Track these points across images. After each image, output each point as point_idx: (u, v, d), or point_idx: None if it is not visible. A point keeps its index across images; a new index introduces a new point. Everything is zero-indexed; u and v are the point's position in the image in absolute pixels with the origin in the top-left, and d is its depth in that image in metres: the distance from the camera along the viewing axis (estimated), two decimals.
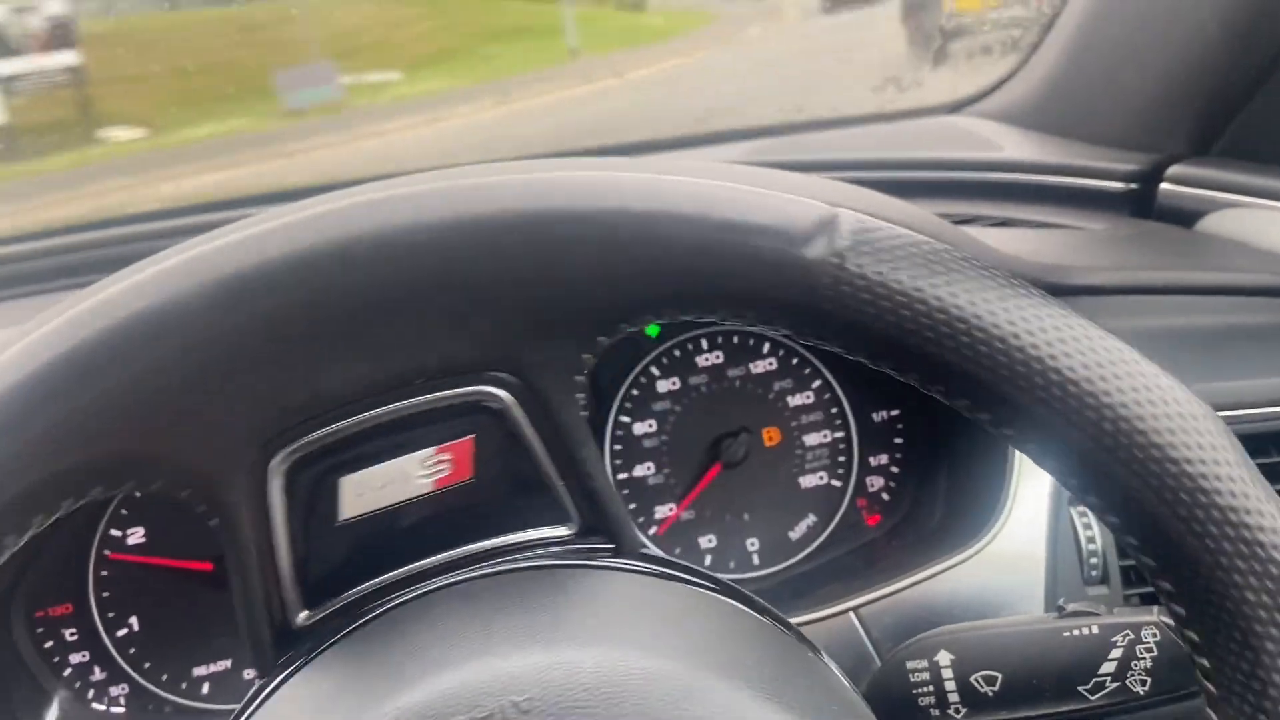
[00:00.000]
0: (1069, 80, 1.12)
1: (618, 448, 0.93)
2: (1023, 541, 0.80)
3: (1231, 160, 1.04)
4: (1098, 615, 0.64)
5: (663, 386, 0.94)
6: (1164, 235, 1.00)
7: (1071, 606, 0.65)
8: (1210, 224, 0.99)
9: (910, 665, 0.66)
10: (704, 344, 0.94)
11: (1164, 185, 1.04)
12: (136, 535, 0.84)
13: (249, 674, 0.85)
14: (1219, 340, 0.88)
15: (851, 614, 0.79)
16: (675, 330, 0.94)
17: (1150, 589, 0.73)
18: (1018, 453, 0.79)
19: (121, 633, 0.83)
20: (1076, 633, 0.63)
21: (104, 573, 0.83)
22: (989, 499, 0.80)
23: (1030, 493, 0.80)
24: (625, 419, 0.93)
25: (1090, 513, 0.81)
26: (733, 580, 0.90)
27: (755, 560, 0.92)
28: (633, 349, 0.94)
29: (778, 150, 1.26)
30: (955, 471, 0.88)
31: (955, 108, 1.33)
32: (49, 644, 0.82)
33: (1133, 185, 1.05)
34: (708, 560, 0.92)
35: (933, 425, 0.93)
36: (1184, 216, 1.01)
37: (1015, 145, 1.13)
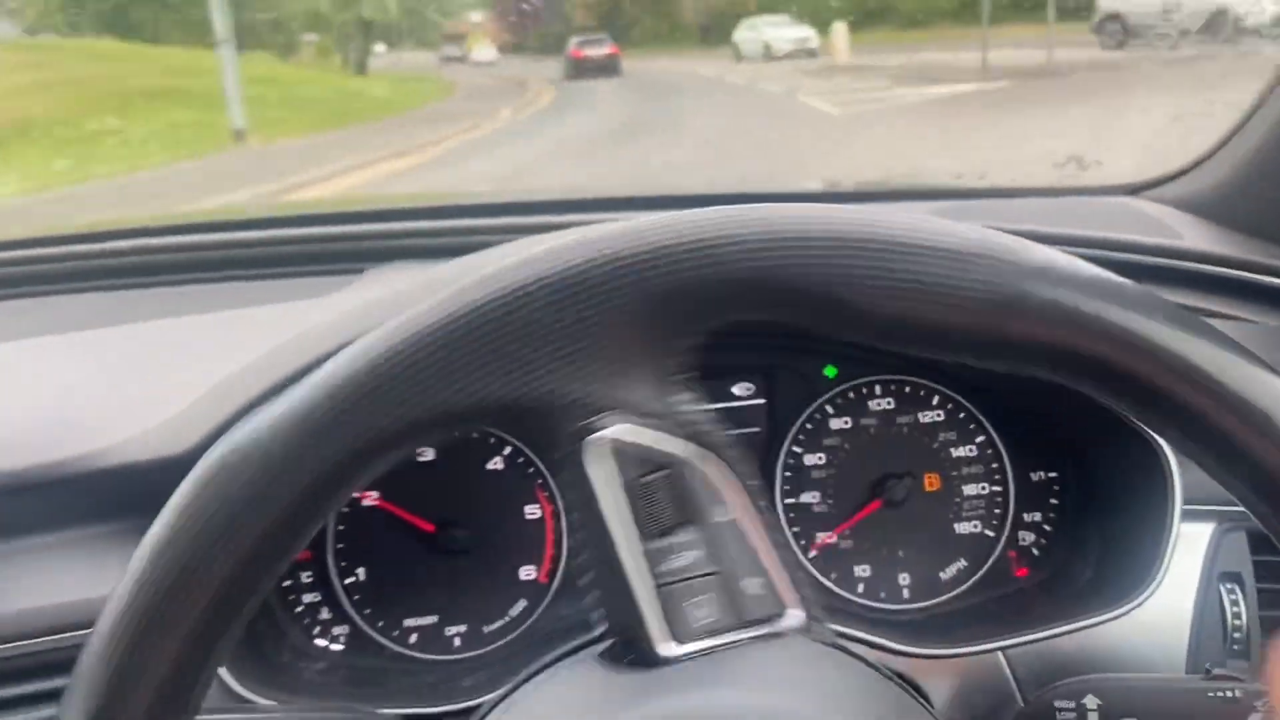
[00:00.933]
0: (1257, 176, 1.16)
1: (788, 474, 1.02)
2: (1171, 608, 0.85)
3: None
4: (1242, 681, 0.69)
5: (835, 424, 1.02)
6: None
7: (1218, 671, 0.71)
8: None
9: (1059, 704, 0.73)
10: (877, 389, 1.02)
11: None
12: (371, 498, 0.97)
13: (450, 630, 0.97)
14: None
15: (1000, 654, 0.86)
16: (852, 374, 1.03)
17: None
18: (1174, 526, 0.84)
19: (350, 580, 0.96)
20: (1220, 694, 0.69)
21: (341, 527, 0.97)
22: (1143, 563, 0.85)
23: (1183, 563, 0.85)
24: (797, 450, 1.02)
25: (1239, 590, 0.86)
26: (882, 609, 0.98)
27: (905, 594, 1.00)
28: (809, 388, 1.03)
29: (954, 213, 1.33)
30: (1110, 534, 0.94)
31: (1134, 190, 1.37)
32: (288, 583, 0.96)
33: None
34: (860, 588, 1.00)
35: (1088, 490, 0.99)
36: None
37: (1194, 234, 1.17)
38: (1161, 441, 0.86)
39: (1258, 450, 0.42)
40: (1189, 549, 0.86)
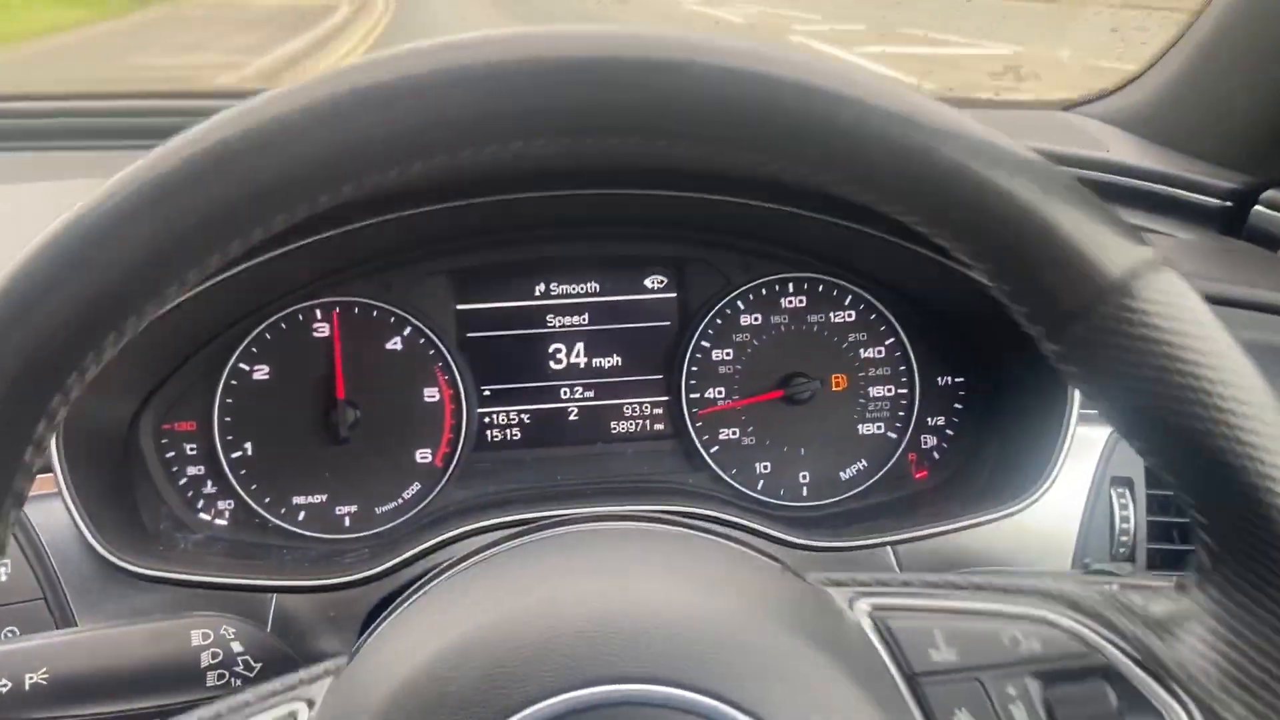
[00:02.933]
0: (1183, 94, 1.15)
1: (694, 369, 1.00)
2: (1060, 511, 0.86)
3: None
4: (1118, 576, 0.70)
5: (745, 320, 1.01)
6: (1250, 254, 1.03)
7: (1096, 566, 0.71)
8: None
9: None
10: (790, 287, 1.01)
11: (1257, 208, 1.07)
12: (261, 372, 0.94)
13: (340, 510, 0.94)
14: None
15: (889, 549, 0.86)
16: (763, 270, 1.01)
17: (1173, 574, 0.79)
18: (1069, 431, 0.85)
19: (236, 455, 0.93)
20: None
21: (229, 400, 0.93)
22: (1035, 469, 0.85)
23: (1075, 469, 0.86)
24: (705, 344, 1.00)
25: (1129, 494, 0.86)
26: (780, 506, 0.97)
27: (804, 493, 0.99)
28: (720, 282, 1.01)
29: None
30: (1008, 440, 0.94)
31: (1069, 105, 1.36)
32: (170, 454, 0.93)
33: (1227, 203, 1.09)
34: (760, 485, 0.99)
35: (992, 396, 0.98)
36: (1272, 240, 1.04)
37: (1121, 148, 1.16)
38: None
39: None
40: (1083, 453, 0.87)
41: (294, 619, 0.79)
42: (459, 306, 0.99)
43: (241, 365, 0.94)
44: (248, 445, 0.93)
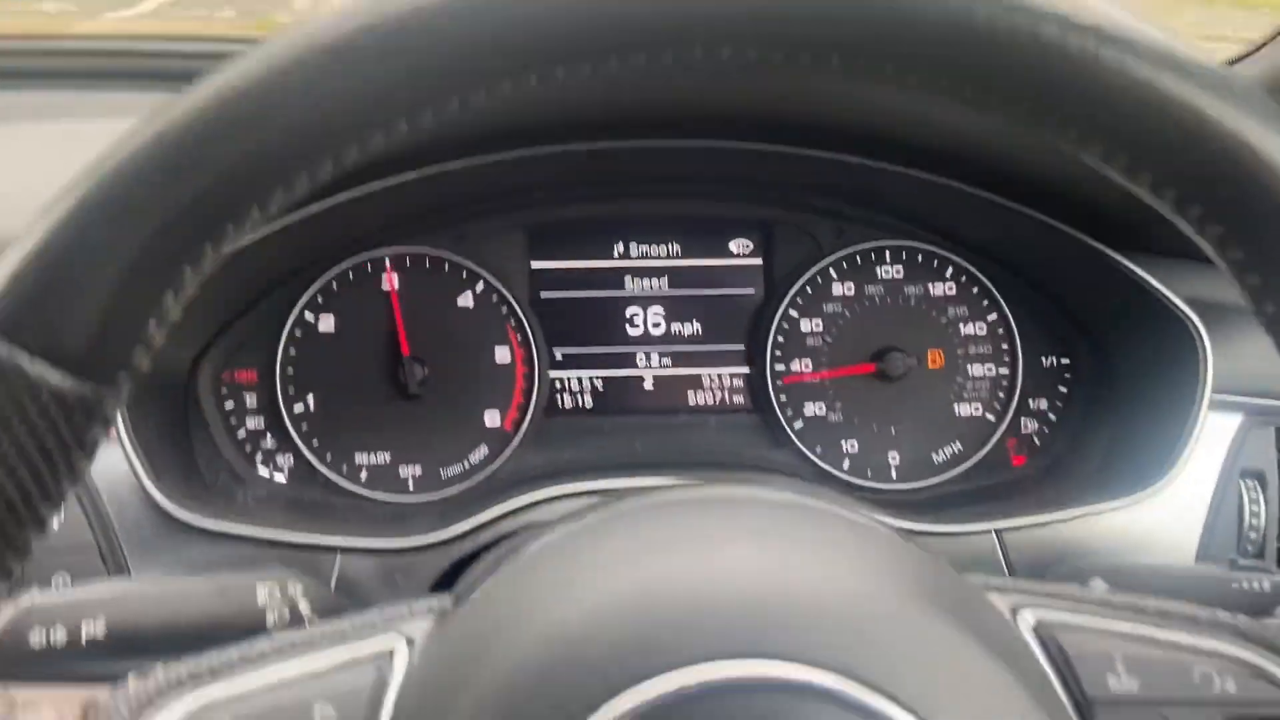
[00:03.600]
0: None
1: (780, 340, 0.94)
2: (1184, 503, 0.79)
3: None
4: (1273, 574, 0.63)
5: (836, 290, 0.95)
6: None
7: (1244, 561, 0.65)
8: None
9: None
10: (887, 255, 0.94)
11: None
12: (327, 322, 0.89)
13: (404, 470, 0.90)
14: None
15: (994, 536, 0.80)
16: (857, 238, 0.95)
17: None
18: (1201, 417, 0.78)
19: (298, 408, 0.89)
20: (1247, 585, 0.63)
21: (292, 350, 0.89)
22: (1160, 453, 0.79)
23: (1202, 459, 0.79)
24: (793, 314, 0.94)
25: (1259, 488, 0.80)
26: (868, 489, 0.91)
27: (893, 474, 0.93)
28: (810, 249, 0.95)
29: None
30: (1124, 427, 0.87)
31: None
32: (229, 404, 0.88)
33: None
34: (846, 464, 0.93)
35: (1100, 378, 0.92)
36: None
37: None
38: (1196, 322, 0.79)
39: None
40: (1210, 442, 0.80)
41: (357, 581, 0.75)
42: (534, 264, 0.94)
43: (307, 315, 0.89)
44: (310, 398, 0.89)
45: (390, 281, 0.90)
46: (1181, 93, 0.35)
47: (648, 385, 0.96)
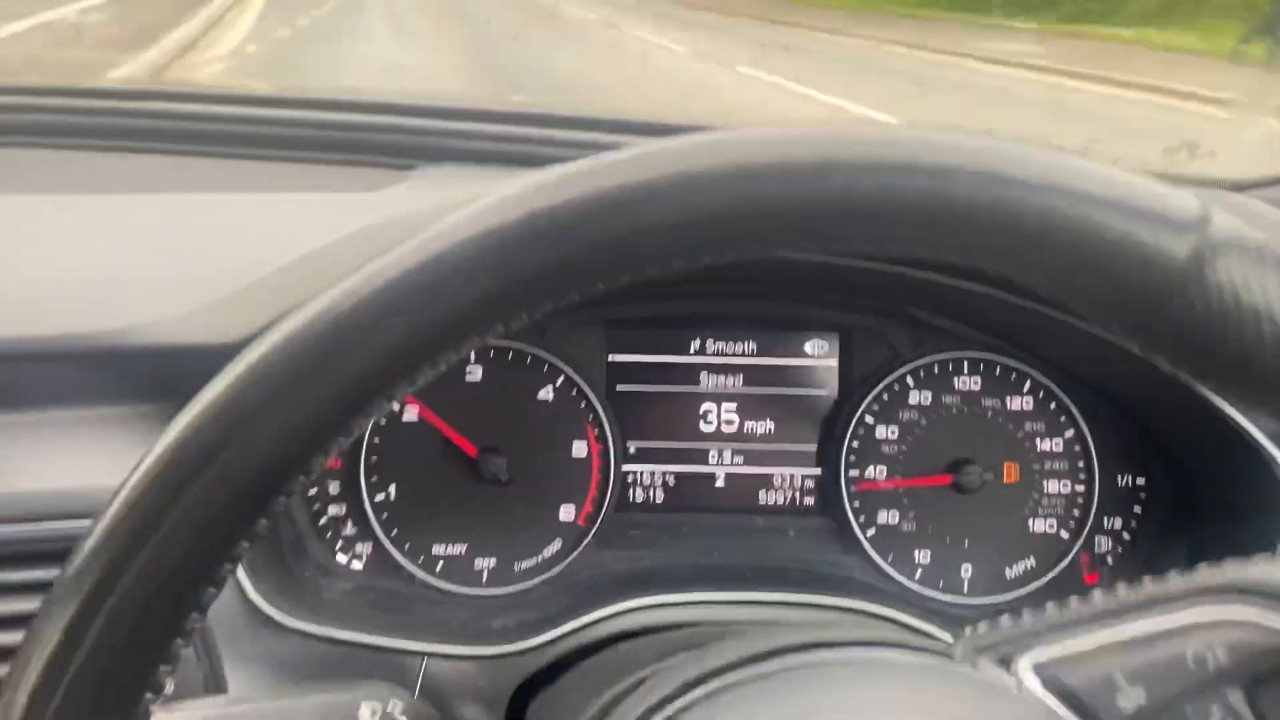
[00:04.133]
0: None
1: (854, 445, 0.95)
2: None
3: None
4: None
5: (914, 398, 0.95)
6: None
7: None
8: None
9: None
10: (965, 366, 0.95)
11: None
12: (411, 412, 0.90)
13: (479, 563, 0.90)
14: None
15: None
16: (935, 345, 0.95)
17: None
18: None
19: (380, 497, 0.90)
20: None
21: (376, 439, 0.90)
22: None
23: None
24: (869, 419, 0.95)
25: None
26: (938, 600, 0.91)
27: (965, 587, 0.93)
28: (888, 354, 0.96)
29: None
30: (1199, 555, 0.87)
31: (1241, 186, 1.29)
32: (313, 491, 0.90)
33: None
34: (918, 574, 0.93)
35: (1178, 499, 0.92)
36: None
37: None
38: (1274, 452, 0.79)
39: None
40: None
41: (443, 685, 0.75)
42: (611, 357, 0.95)
43: (393, 404, 0.90)
44: (392, 488, 0.90)
45: (476, 373, 0.92)
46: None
47: (719, 483, 0.97)
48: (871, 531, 0.94)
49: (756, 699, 0.46)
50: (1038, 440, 0.94)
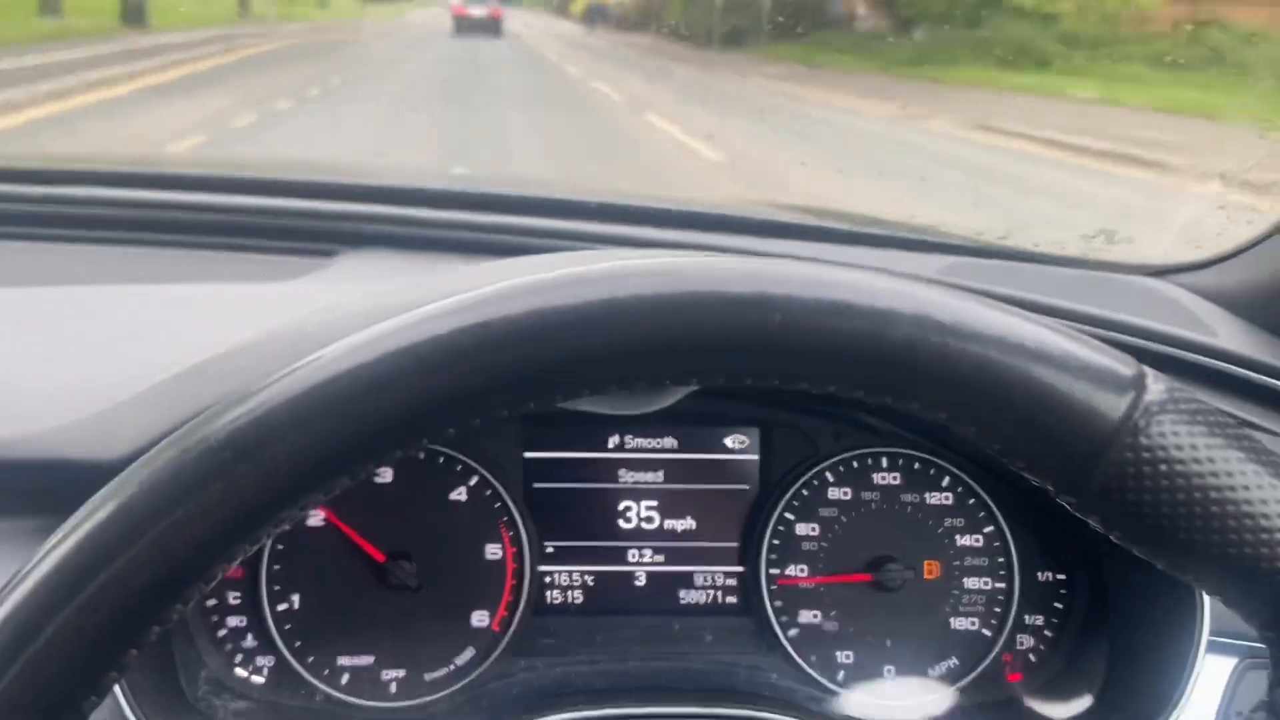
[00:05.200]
0: None
1: (775, 542, 0.93)
2: None
3: None
4: None
5: (833, 494, 0.94)
6: None
7: None
8: None
9: None
10: (884, 462, 0.94)
11: None
12: (317, 517, 0.87)
13: (387, 674, 0.87)
14: None
15: None
16: (855, 441, 0.95)
17: None
18: (1199, 653, 0.77)
19: (282, 607, 0.86)
20: None
21: (280, 546, 0.87)
22: (1158, 693, 0.78)
23: (1198, 703, 0.78)
24: (789, 516, 0.94)
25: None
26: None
27: (889, 689, 0.92)
28: (808, 450, 0.95)
29: (977, 272, 1.25)
30: (1120, 652, 0.86)
31: (1160, 272, 1.31)
32: (212, 601, 0.86)
33: None
34: (840, 675, 0.92)
35: (1099, 598, 0.91)
36: None
37: (1228, 332, 1.10)
38: None
39: None
40: (1205, 684, 0.79)
41: None
42: (527, 454, 0.93)
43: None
44: (295, 597, 0.86)
45: (384, 474, 0.89)
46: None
47: (639, 581, 0.94)
48: (794, 632, 0.92)
49: None
50: (957, 536, 0.93)
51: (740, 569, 0.94)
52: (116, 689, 0.69)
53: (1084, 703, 0.86)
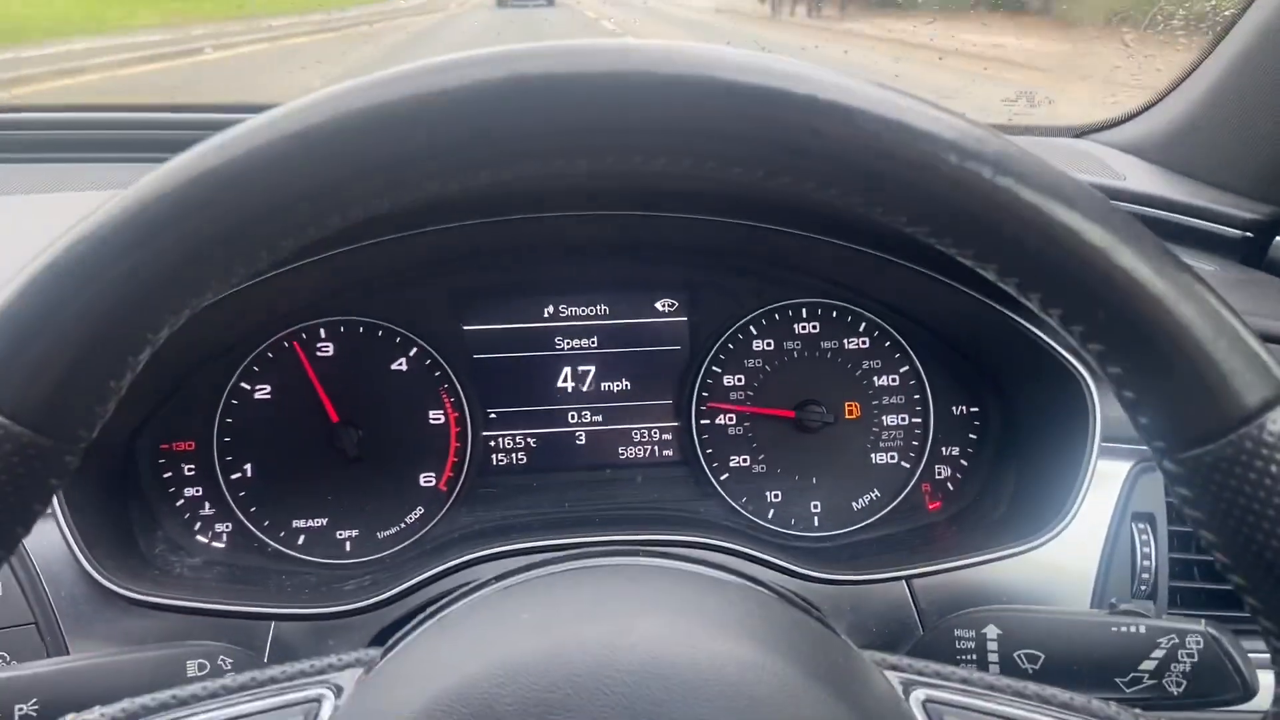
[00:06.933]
0: (1203, 123, 1.13)
1: (704, 394, 0.98)
2: (1080, 546, 0.83)
3: None
4: (1147, 617, 0.68)
5: (757, 345, 0.99)
6: (1271, 286, 1.01)
7: (1123, 606, 0.69)
8: None
9: (958, 633, 0.71)
10: (803, 312, 0.99)
11: (1279, 239, 1.05)
12: (263, 391, 0.92)
13: (341, 534, 0.92)
14: None
15: (904, 582, 0.84)
16: (776, 295, 0.99)
17: (1196, 613, 0.77)
18: (1091, 464, 0.83)
19: (235, 475, 0.91)
20: (1124, 629, 0.67)
21: (229, 419, 0.91)
22: (1056, 499, 0.83)
23: (1096, 500, 0.84)
24: (716, 369, 0.98)
25: (1150, 530, 0.84)
26: (791, 536, 0.95)
27: (816, 522, 0.97)
28: (732, 307, 0.99)
29: None
30: (1026, 472, 0.92)
31: (1082, 133, 1.35)
32: (168, 474, 0.91)
33: (1248, 234, 1.07)
34: (770, 514, 0.97)
35: (1007, 426, 0.96)
36: None
37: (1138, 177, 1.14)
38: (1085, 375, 0.84)
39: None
40: (1103, 487, 0.85)
41: (291, 647, 0.77)
42: (466, 327, 0.97)
43: (243, 384, 0.92)
44: (248, 466, 0.91)
45: (327, 349, 0.93)
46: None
47: (579, 441, 0.99)
48: (725, 476, 0.98)
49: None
50: (875, 377, 0.98)
51: (675, 423, 0.99)
52: (73, 544, 0.74)
53: (998, 513, 0.91)
